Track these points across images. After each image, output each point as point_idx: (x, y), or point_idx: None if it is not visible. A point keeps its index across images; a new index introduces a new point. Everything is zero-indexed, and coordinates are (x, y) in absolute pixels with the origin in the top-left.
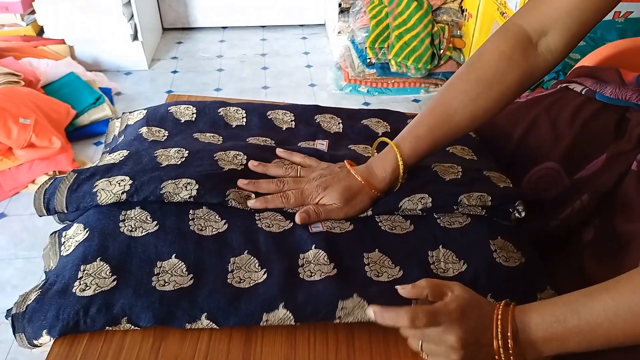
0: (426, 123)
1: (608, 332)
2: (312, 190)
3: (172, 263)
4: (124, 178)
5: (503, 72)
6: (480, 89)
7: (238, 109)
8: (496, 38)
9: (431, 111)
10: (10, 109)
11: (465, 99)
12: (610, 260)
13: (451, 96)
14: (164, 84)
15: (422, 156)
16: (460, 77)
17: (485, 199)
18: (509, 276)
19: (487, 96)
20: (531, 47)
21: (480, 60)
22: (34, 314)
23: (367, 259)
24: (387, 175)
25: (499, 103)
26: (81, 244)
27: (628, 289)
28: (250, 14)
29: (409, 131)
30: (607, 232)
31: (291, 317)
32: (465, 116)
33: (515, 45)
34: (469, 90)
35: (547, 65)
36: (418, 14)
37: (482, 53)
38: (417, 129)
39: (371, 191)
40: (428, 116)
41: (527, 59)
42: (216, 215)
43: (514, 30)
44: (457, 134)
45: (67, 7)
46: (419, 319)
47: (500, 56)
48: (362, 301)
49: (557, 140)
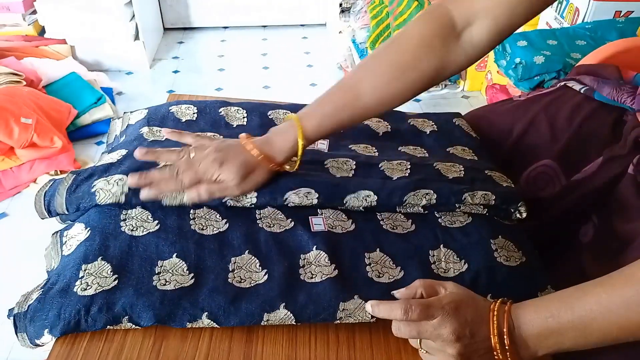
0: (334, 101)
1: (602, 326)
2: (207, 167)
3: (173, 262)
4: (121, 177)
5: (419, 59)
6: (394, 73)
7: (239, 109)
8: (420, 20)
9: (340, 89)
10: (12, 109)
11: (376, 81)
12: (609, 260)
13: (363, 76)
14: (165, 83)
15: (324, 133)
16: (376, 58)
17: (489, 197)
18: (510, 275)
19: (399, 82)
20: (453, 35)
21: (399, 42)
22: (35, 313)
23: (368, 259)
24: (287, 149)
25: (410, 90)
26: (82, 244)
27: (620, 282)
28: (251, 13)
29: (315, 107)
30: (606, 232)
31: (292, 317)
32: (374, 99)
33: (437, 31)
34: (382, 73)
35: (465, 58)
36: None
37: (403, 36)
38: (324, 106)
39: (269, 165)
40: (336, 94)
41: (447, 48)
42: (217, 214)
43: (440, 13)
44: (364, 115)
45: (68, 7)
46: (412, 310)
47: (420, 41)
48: (363, 303)
49: (555, 138)
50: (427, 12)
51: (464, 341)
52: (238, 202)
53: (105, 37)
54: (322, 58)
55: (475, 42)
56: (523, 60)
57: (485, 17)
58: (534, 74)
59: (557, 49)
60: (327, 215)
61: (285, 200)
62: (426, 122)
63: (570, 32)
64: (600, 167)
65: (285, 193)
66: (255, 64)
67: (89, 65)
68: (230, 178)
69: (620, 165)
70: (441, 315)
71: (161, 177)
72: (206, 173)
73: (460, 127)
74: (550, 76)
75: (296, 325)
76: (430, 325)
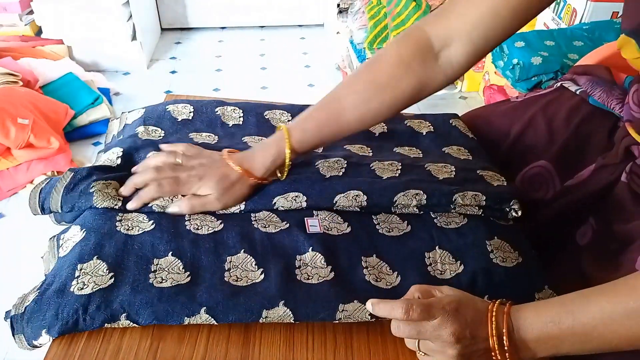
0: (316, 117)
1: (602, 335)
2: (187, 179)
3: (168, 261)
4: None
5: (398, 79)
6: (373, 91)
7: (235, 109)
8: (398, 41)
9: (323, 106)
10: (9, 109)
11: (357, 99)
12: (608, 261)
13: (344, 94)
14: (163, 84)
15: (307, 149)
16: (357, 77)
17: (480, 198)
18: (507, 276)
19: (379, 100)
20: (431, 57)
21: (379, 62)
22: (32, 314)
23: (365, 263)
24: (267, 163)
25: (390, 109)
26: (78, 244)
27: (624, 292)
28: (249, 14)
29: (298, 123)
30: (605, 233)
31: (290, 315)
32: (355, 116)
33: (415, 53)
34: (362, 91)
35: (445, 78)
36: (416, 14)
37: (382, 55)
38: (306, 122)
39: (250, 179)
40: (319, 110)
41: (425, 68)
42: (212, 217)
43: (417, 35)
44: (345, 132)
45: (65, 7)
46: (413, 309)
47: (398, 61)
48: (362, 306)
49: (552, 140)
50: (406, 33)
51: (464, 342)
52: (227, 210)
53: (102, 38)
54: (319, 59)
55: (453, 63)
56: (520, 61)
57: (462, 38)
58: (531, 74)
59: (555, 49)
60: (322, 217)
61: (274, 205)
62: (423, 123)
63: (567, 33)
64: (593, 174)
65: (273, 199)
66: (252, 64)
67: (86, 66)
68: (210, 192)
69: (613, 173)
70: (442, 315)
71: (143, 180)
72: (186, 185)
73: (457, 127)
74: (547, 77)
75: (293, 326)
76: (430, 325)
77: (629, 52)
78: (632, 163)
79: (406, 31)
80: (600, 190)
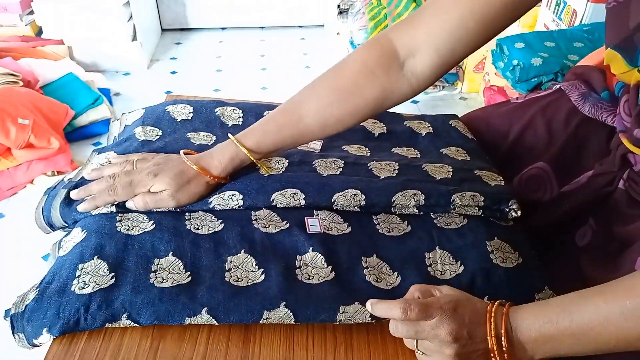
0: (277, 119)
1: (600, 335)
2: (141, 179)
3: (169, 260)
4: None
5: (361, 86)
6: (335, 97)
7: (235, 109)
8: (364, 48)
9: (285, 109)
10: (9, 110)
11: (319, 104)
12: (607, 262)
13: (307, 98)
14: (163, 84)
15: (266, 151)
16: (321, 81)
17: (478, 199)
18: (507, 277)
19: (341, 107)
20: (396, 65)
21: (343, 68)
22: (33, 313)
23: (365, 263)
24: (225, 162)
25: (352, 116)
26: (78, 244)
27: (621, 293)
28: (250, 14)
29: (260, 124)
30: (604, 234)
31: (291, 316)
32: (316, 121)
33: (380, 60)
34: (325, 96)
35: (409, 88)
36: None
37: (347, 61)
38: (268, 124)
39: (207, 177)
40: (281, 113)
41: (389, 77)
42: (212, 215)
43: (383, 43)
44: (306, 136)
45: (65, 7)
46: (411, 309)
47: (362, 68)
48: (362, 308)
49: (551, 141)
50: (372, 39)
51: (462, 342)
52: (226, 206)
53: (102, 38)
54: (320, 59)
55: (418, 73)
56: (520, 62)
57: (427, 48)
58: (531, 75)
59: (555, 50)
60: (323, 217)
61: (273, 201)
62: (422, 124)
63: (567, 34)
64: (591, 180)
65: (271, 194)
66: (253, 65)
67: (87, 66)
68: (163, 188)
69: (610, 179)
70: (439, 315)
71: (98, 188)
72: (140, 183)
73: (456, 128)
74: (547, 78)
75: (294, 326)
76: (428, 325)
77: (617, 67)
78: (629, 170)
79: (373, 38)
80: (597, 196)
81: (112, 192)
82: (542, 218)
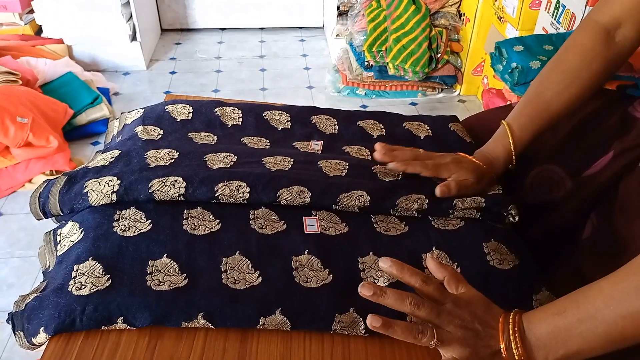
0: (527, 114)
1: (606, 318)
2: (445, 164)
3: (164, 262)
4: (112, 178)
5: (589, 62)
6: (571, 78)
7: (234, 109)
8: (577, 34)
9: (528, 103)
10: (8, 108)
11: (558, 88)
12: (608, 263)
13: (544, 88)
14: (162, 84)
15: (527, 144)
16: (550, 71)
17: (479, 200)
18: (504, 279)
19: (578, 84)
20: (609, 38)
21: (567, 53)
22: (32, 312)
23: (361, 264)
24: (500, 158)
25: (589, 89)
26: (75, 244)
27: (623, 272)
28: (249, 15)
29: (512, 122)
30: (605, 232)
31: (287, 323)
32: (561, 103)
33: (595, 39)
34: (560, 80)
35: (626, 51)
36: (416, 17)
37: (567, 47)
38: (520, 120)
39: (492, 174)
40: (526, 108)
41: (608, 49)
42: (210, 214)
43: (591, 26)
44: (555, 120)
45: (65, 6)
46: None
47: (584, 49)
48: (358, 317)
49: (555, 140)
50: (579, 28)
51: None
52: (230, 197)
53: (102, 37)
54: (319, 61)
55: (628, 38)
56: (519, 65)
57: (627, 20)
58: (529, 78)
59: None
60: (321, 217)
61: (278, 198)
62: (422, 126)
63: (566, 37)
64: (612, 161)
65: (278, 190)
66: (252, 65)
67: (86, 65)
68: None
69: (630, 158)
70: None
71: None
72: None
73: (455, 132)
74: None
75: None
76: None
77: None
78: None
79: (580, 25)
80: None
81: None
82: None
